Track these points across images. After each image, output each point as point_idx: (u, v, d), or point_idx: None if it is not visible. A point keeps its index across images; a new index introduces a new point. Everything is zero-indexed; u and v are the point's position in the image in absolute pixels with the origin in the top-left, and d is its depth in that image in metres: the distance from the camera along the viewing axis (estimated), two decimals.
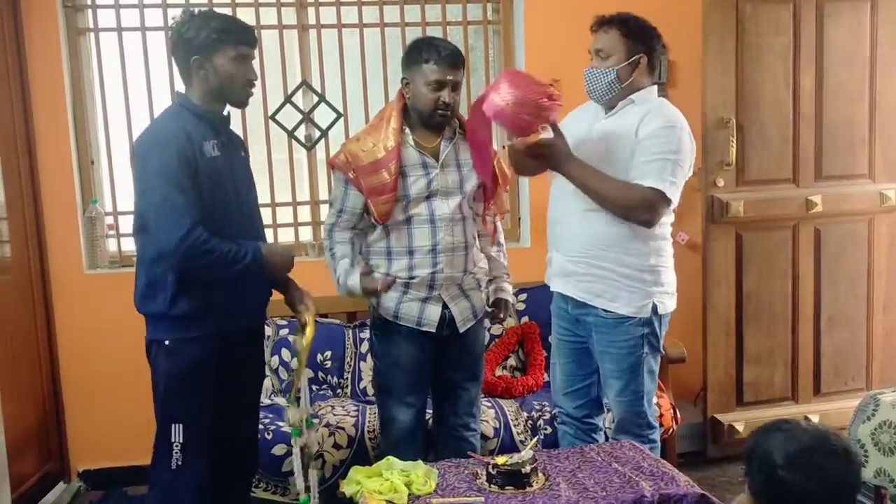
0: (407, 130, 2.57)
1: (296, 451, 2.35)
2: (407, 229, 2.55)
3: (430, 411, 2.85)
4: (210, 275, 2.24)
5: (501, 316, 2.84)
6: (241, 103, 2.40)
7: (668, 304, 2.57)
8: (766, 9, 3.57)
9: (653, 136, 2.41)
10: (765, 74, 3.60)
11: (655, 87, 2.57)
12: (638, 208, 2.41)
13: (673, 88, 3.76)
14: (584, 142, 2.52)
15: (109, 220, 3.60)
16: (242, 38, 2.30)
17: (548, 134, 2.38)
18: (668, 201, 2.42)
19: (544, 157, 2.43)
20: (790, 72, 3.63)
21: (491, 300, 2.80)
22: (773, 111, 3.63)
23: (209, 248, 2.18)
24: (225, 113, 2.39)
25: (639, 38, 2.48)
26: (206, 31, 2.24)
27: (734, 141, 3.56)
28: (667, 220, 2.55)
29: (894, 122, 3.75)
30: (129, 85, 3.53)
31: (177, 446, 2.27)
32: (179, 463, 2.28)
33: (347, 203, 2.59)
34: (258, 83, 3.54)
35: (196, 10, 2.34)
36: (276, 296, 2.54)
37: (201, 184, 2.22)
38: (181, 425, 2.28)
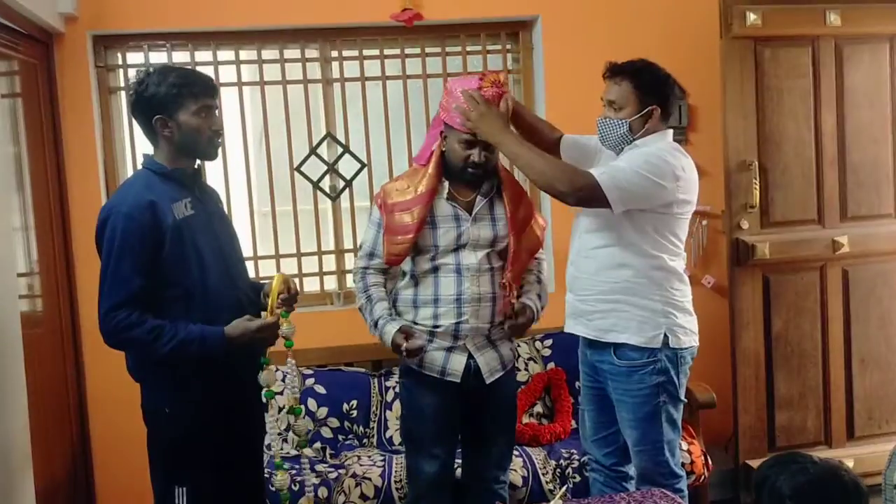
0: (445, 182, 2.56)
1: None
2: (434, 278, 2.55)
3: (460, 461, 2.82)
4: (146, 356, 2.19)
5: (517, 319, 2.57)
6: (210, 156, 2.32)
7: (683, 340, 2.52)
8: (784, 52, 3.59)
9: (633, 155, 2.44)
10: (786, 117, 3.60)
11: (669, 131, 2.56)
12: (564, 185, 2.38)
13: (694, 132, 3.78)
14: None
15: None
16: (203, 89, 2.24)
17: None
18: (599, 193, 2.35)
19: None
20: (811, 114, 3.63)
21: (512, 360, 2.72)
22: (796, 153, 3.63)
23: (128, 336, 2.13)
24: (196, 167, 2.34)
25: (651, 89, 2.48)
26: (164, 87, 2.18)
27: (757, 183, 3.55)
28: (676, 256, 2.53)
29: None
30: None
31: None
32: None
33: (378, 245, 2.60)
34: (285, 135, 3.67)
35: (151, 67, 2.29)
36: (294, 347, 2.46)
37: (171, 249, 2.17)
38: (185, 488, 2.24)
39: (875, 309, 3.73)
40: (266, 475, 2.70)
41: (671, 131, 2.58)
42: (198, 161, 2.36)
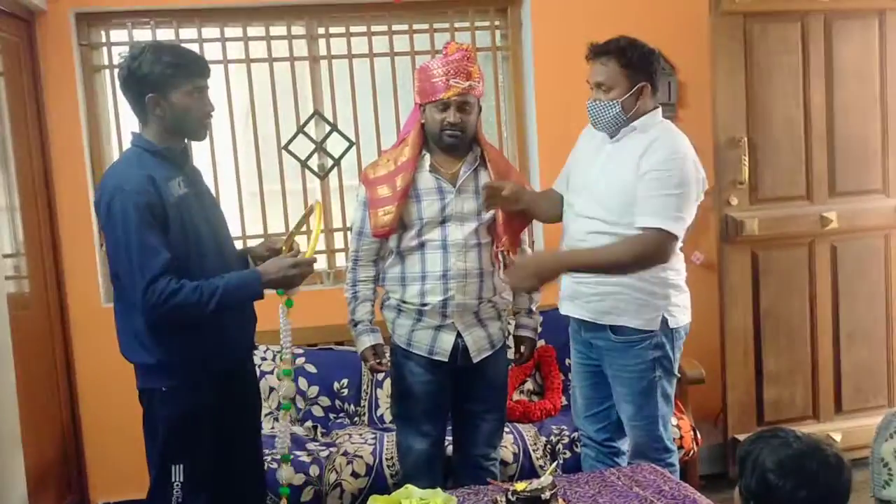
0: (426, 154, 2.56)
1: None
2: (420, 254, 2.55)
3: (450, 438, 2.83)
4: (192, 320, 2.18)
5: (522, 353, 2.76)
6: (200, 136, 2.31)
7: (679, 318, 2.53)
8: (774, 27, 3.58)
9: (655, 169, 2.37)
10: (775, 92, 3.60)
11: (659, 109, 2.53)
12: (650, 258, 2.39)
13: (683, 108, 3.77)
14: (589, 169, 2.53)
15: None
16: (197, 70, 2.22)
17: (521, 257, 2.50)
18: (674, 238, 2.39)
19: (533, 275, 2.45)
20: (800, 89, 3.63)
21: (512, 336, 2.77)
22: (785, 128, 3.63)
23: (175, 302, 2.10)
24: (184, 145, 2.33)
25: (639, 66, 2.43)
26: (159, 66, 2.14)
27: (746, 159, 3.55)
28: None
29: None
30: None
31: (177, 485, 2.23)
32: (181, 501, 2.24)
33: (366, 223, 2.60)
34: (272, 114, 3.63)
35: (144, 43, 2.26)
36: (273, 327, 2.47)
37: (172, 227, 2.16)
38: (181, 466, 2.24)
39: (863, 284, 3.75)
40: (273, 466, 2.73)
41: (660, 109, 2.54)
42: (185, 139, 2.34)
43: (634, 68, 2.43)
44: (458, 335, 2.58)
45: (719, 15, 3.48)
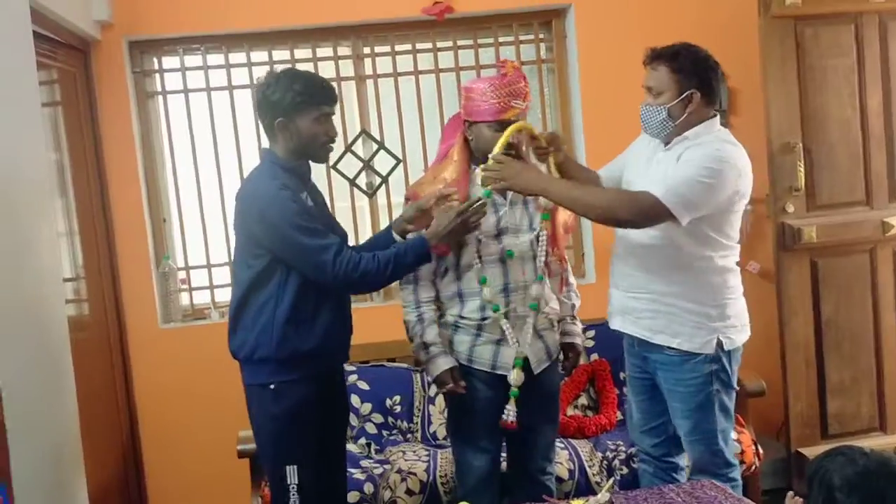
0: (477, 169, 2.54)
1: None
2: (478, 269, 2.52)
3: (504, 454, 2.80)
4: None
5: (570, 361, 2.73)
6: (322, 159, 2.47)
7: (735, 339, 2.47)
8: (826, 30, 3.50)
9: (691, 158, 2.34)
10: (829, 96, 3.52)
11: (716, 118, 2.47)
12: (631, 219, 2.33)
13: (735, 116, 3.71)
14: (639, 175, 2.49)
15: (182, 274, 3.70)
16: (324, 98, 2.36)
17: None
18: (669, 216, 2.29)
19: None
20: (856, 92, 3.54)
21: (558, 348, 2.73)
22: (841, 133, 3.54)
23: (361, 270, 2.27)
24: (308, 164, 2.48)
25: (690, 72, 2.38)
26: (290, 93, 2.29)
27: (802, 165, 3.47)
28: (731, 251, 2.46)
29: None
30: (197, 144, 3.66)
31: (293, 488, 2.34)
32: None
33: None
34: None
35: (279, 70, 2.41)
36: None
37: None
38: (295, 466, 2.34)
39: None
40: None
41: (718, 118, 2.48)
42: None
43: (685, 74, 2.39)
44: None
45: (769, 19, 3.42)
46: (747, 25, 3.50)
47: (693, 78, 2.40)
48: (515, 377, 2.50)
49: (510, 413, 2.52)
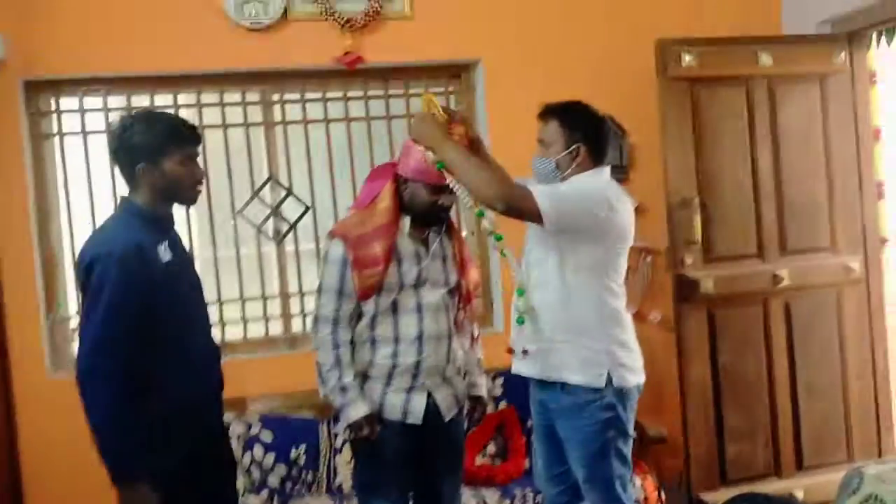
0: (407, 218, 2.51)
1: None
2: (392, 317, 2.50)
3: None
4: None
5: (476, 414, 2.74)
6: (190, 202, 2.35)
7: (628, 378, 2.53)
8: (720, 92, 3.67)
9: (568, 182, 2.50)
10: (724, 154, 3.68)
11: (606, 168, 2.58)
12: (500, 198, 2.35)
13: (635, 171, 3.84)
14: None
15: (74, 323, 3.53)
16: (188, 139, 2.25)
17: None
18: (534, 206, 2.35)
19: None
20: (748, 151, 3.70)
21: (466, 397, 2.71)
22: (735, 189, 3.70)
23: (109, 403, 2.09)
24: (171, 210, 2.34)
25: (577, 127, 2.53)
26: (150, 135, 2.18)
27: (698, 219, 3.61)
28: (619, 298, 2.56)
29: (851, 196, 3.83)
30: (94, 187, 3.52)
31: None
32: None
33: (347, 282, 2.46)
34: (226, 180, 3.61)
35: (134, 112, 2.29)
36: (238, 394, 2.44)
37: (161, 294, 2.15)
38: None
39: (817, 339, 3.79)
40: None
41: (608, 169, 2.60)
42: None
43: (572, 128, 2.53)
44: (429, 395, 2.53)
45: (667, 79, 3.58)
46: (646, 84, 3.65)
47: (580, 132, 2.53)
48: (521, 305, 2.52)
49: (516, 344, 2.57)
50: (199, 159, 2.32)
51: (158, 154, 2.19)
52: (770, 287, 3.72)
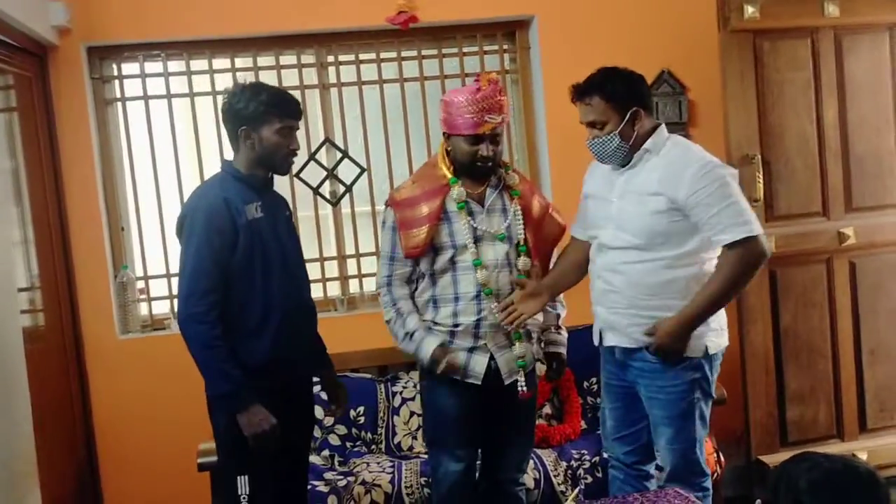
0: (455, 178, 2.55)
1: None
2: (452, 275, 2.52)
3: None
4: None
5: (555, 370, 2.74)
6: (284, 171, 2.51)
7: (718, 342, 2.50)
8: (783, 45, 3.57)
9: (695, 190, 2.35)
10: (787, 109, 3.58)
11: (662, 125, 2.51)
12: (754, 265, 2.37)
13: (695, 127, 3.76)
14: (608, 203, 2.51)
15: (140, 284, 3.63)
16: (289, 111, 2.41)
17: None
18: (759, 236, 2.36)
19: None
20: (813, 105, 3.60)
21: (542, 354, 2.72)
22: (799, 145, 3.60)
23: (199, 329, 2.29)
24: (269, 175, 2.50)
25: (625, 94, 2.42)
26: (254, 103, 2.35)
27: (760, 177, 3.53)
28: (709, 255, 2.47)
29: None
30: (157, 151, 3.60)
31: (244, 499, 2.34)
32: None
33: (397, 247, 2.55)
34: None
35: (247, 81, 2.47)
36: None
37: (241, 245, 2.33)
38: (246, 477, 2.34)
39: (883, 300, 3.70)
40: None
41: (663, 124, 2.52)
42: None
43: (620, 98, 2.42)
44: (491, 357, 2.54)
45: (728, 33, 3.48)
46: (708, 38, 3.55)
47: (629, 98, 2.43)
48: (518, 350, 2.55)
49: (521, 384, 2.55)
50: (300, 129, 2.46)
51: (258, 122, 2.36)
52: (835, 246, 3.63)
